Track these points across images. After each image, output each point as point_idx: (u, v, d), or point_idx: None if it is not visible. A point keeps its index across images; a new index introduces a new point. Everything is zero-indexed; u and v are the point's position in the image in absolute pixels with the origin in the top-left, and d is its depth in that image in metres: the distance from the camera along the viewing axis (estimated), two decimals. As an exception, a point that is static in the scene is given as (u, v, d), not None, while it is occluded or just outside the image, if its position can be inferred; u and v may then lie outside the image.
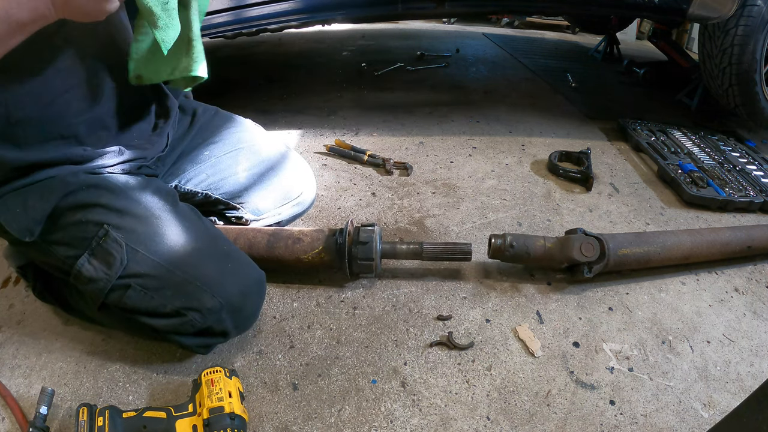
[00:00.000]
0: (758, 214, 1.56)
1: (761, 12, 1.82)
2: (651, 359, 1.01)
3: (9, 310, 1.05)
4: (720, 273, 1.28)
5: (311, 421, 0.85)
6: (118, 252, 0.82)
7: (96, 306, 0.87)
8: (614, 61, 3.19)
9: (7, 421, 0.82)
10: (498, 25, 4.35)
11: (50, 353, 0.95)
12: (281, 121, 2.05)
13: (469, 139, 1.94)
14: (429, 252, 1.13)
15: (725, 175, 1.68)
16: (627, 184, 1.68)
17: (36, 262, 0.97)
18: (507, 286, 1.18)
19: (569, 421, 0.88)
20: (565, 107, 2.37)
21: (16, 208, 0.83)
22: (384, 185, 1.58)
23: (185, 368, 0.93)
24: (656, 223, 1.47)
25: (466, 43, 3.51)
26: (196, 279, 0.84)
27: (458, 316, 1.08)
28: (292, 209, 1.25)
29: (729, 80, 1.96)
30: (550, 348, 1.02)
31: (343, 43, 3.32)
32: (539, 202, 1.53)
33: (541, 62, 3.08)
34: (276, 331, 1.03)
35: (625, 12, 2.54)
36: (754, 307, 1.17)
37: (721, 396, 0.94)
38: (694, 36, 3.70)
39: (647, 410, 0.90)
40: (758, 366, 1.01)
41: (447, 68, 2.86)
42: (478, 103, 2.34)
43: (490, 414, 0.88)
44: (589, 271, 1.13)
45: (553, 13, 3.61)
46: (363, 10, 1.82)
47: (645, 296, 1.18)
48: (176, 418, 0.76)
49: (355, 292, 1.14)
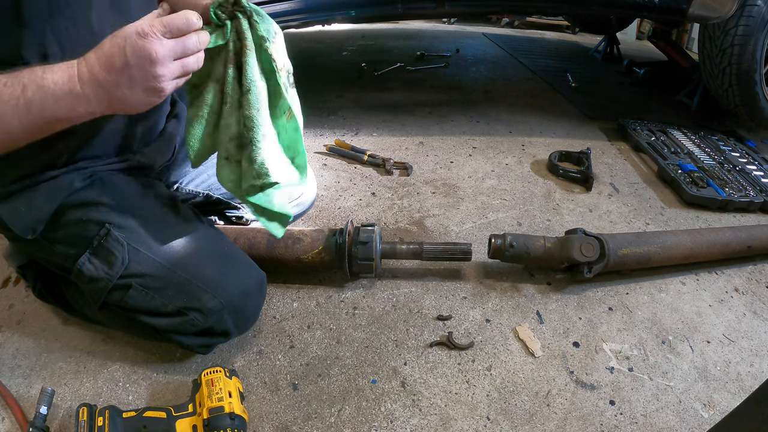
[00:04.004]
0: (758, 214, 1.56)
1: (761, 12, 1.82)
2: (651, 359, 1.01)
3: (9, 310, 1.05)
4: (720, 273, 1.28)
5: (311, 421, 0.85)
6: (119, 251, 0.82)
7: (97, 305, 0.87)
8: (614, 61, 3.19)
9: (7, 421, 0.82)
10: (498, 25, 4.35)
11: (50, 353, 0.95)
12: (281, 121, 2.04)
13: (469, 139, 1.94)
14: (429, 252, 1.13)
15: (725, 175, 1.68)
16: (627, 184, 1.68)
17: (38, 259, 0.97)
18: (507, 286, 1.18)
19: (569, 421, 0.88)
20: (565, 107, 2.37)
21: (21, 207, 0.83)
22: (384, 185, 1.58)
23: (185, 368, 0.93)
24: (656, 223, 1.47)
25: (466, 43, 3.51)
26: (198, 279, 0.84)
27: (458, 316, 1.08)
28: (292, 209, 1.25)
29: (729, 80, 1.96)
30: (550, 348, 1.02)
31: (343, 43, 3.32)
32: (539, 202, 1.53)
33: (541, 62, 3.08)
34: (276, 331, 1.03)
35: (625, 12, 2.54)
36: (754, 307, 1.17)
37: (721, 396, 0.94)
38: (694, 36, 3.70)
39: (647, 410, 0.90)
40: (758, 366, 1.01)
41: (447, 68, 2.86)
42: (478, 103, 2.34)
43: (490, 414, 0.88)
44: (589, 271, 1.13)
45: (553, 13, 3.61)
46: (363, 10, 1.82)
47: (645, 296, 1.18)
48: (176, 418, 0.76)
49: (355, 292, 1.14)
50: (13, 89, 0.66)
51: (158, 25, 0.67)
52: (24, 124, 0.68)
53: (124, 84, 0.68)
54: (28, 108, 0.67)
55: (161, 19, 0.68)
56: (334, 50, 3.18)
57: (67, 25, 0.75)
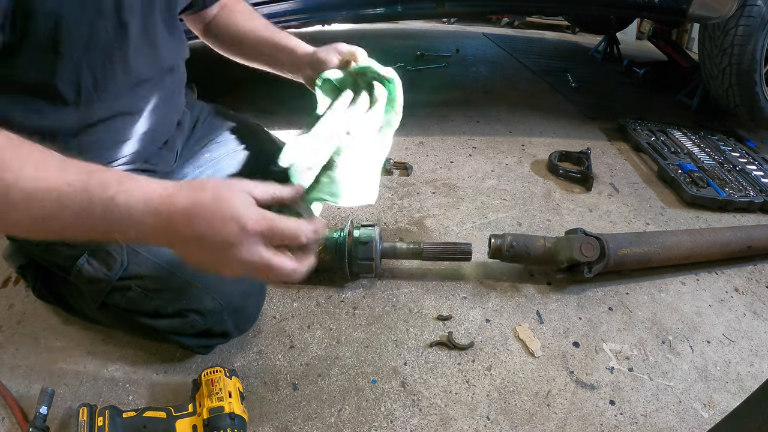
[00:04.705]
0: (758, 214, 1.56)
1: (761, 12, 1.82)
2: (651, 359, 1.01)
3: (9, 310, 1.05)
4: (720, 273, 1.28)
5: (311, 421, 0.85)
6: (118, 253, 0.82)
7: (96, 306, 0.87)
8: (614, 61, 3.19)
9: (7, 421, 0.82)
10: (498, 25, 4.35)
11: (50, 353, 0.95)
12: (281, 121, 2.04)
13: (469, 139, 1.94)
14: (429, 252, 1.13)
15: (725, 175, 1.68)
16: (627, 184, 1.68)
17: (38, 259, 0.97)
18: (507, 286, 1.18)
19: (569, 421, 0.88)
20: (565, 107, 2.37)
21: None
22: (384, 185, 1.58)
23: (185, 368, 0.93)
24: (656, 223, 1.47)
25: (466, 43, 3.51)
26: (197, 280, 0.84)
27: (458, 316, 1.08)
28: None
29: (729, 80, 1.96)
30: (550, 348, 1.02)
31: (343, 43, 3.32)
32: (539, 202, 1.53)
33: (541, 62, 3.08)
34: (276, 331, 1.03)
35: (625, 12, 2.54)
36: (754, 307, 1.17)
37: (721, 396, 0.94)
38: (694, 36, 3.70)
39: (647, 410, 0.90)
40: (758, 366, 1.01)
41: (447, 68, 2.86)
42: (478, 103, 2.34)
43: (490, 414, 0.88)
44: (589, 271, 1.13)
45: (553, 13, 3.61)
46: (363, 10, 1.82)
47: (645, 296, 1.18)
48: (176, 418, 0.76)
49: (355, 292, 1.14)
50: (80, 197, 0.56)
51: (266, 227, 0.59)
52: (65, 226, 0.58)
53: (195, 247, 0.60)
54: (81, 218, 0.57)
55: (272, 223, 0.59)
56: (334, 50, 3.17)
57: (104, 59, 0.74)
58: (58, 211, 0.55)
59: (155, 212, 0.57)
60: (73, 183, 0.55)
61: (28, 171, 0.54)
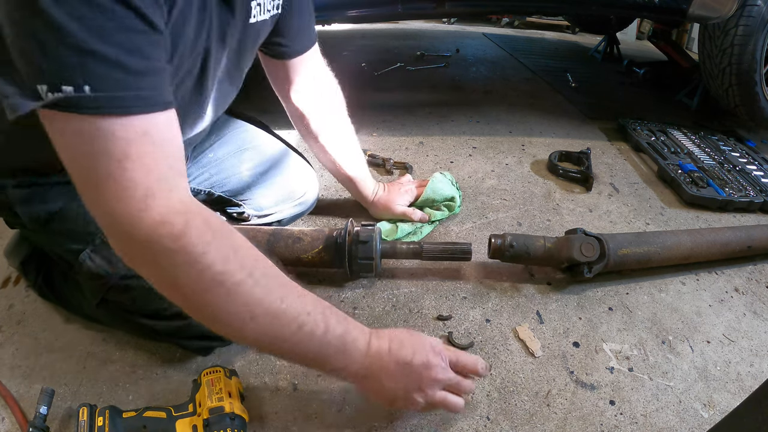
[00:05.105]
0: (758, 214, 1.56)
1: (761, 12, 1.82)
2: (651, 359, 1.01)
3: (9, 310, 1.05)
4: (720, 273, 1.28)
5: (311, 421, 0.85)
6: None
7: (95, 302, 0.87)
8: (614, 61, 3.19)
9: (7, 421, 0.82)
10: (498, 25, 4.35)
11: (50, 353, 0.95)
12: (281, 121, 2.03)
13: (469, 139, 1.94)
14: (429, 252, 1.13)
15: (725, 175, 1.68)
16: (627, 184, 1.68)
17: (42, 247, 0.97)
18: (507, 286, 1.18)
19: (569, 421, 0.88)
20: (565, 107, 2.37)
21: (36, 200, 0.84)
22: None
23: (185, 368, 0.93)
24: (656, 223, 1.47)
25: (466, 43, 3.51)
26: None
27: (458, 316, 1.08)
28: (294, 208, 1.25)
29: (729, 80, 1.96)
30: (550, 348, 1.02)
31: (343, 43, 3.32)
32: (539, 202, 1.53)
33: (541, 62, 3.08)
34: (276, 331, 1.03)
35: (625, 12, 2.54)
36: (754, 307, 1.17)
37: (721, 396, 0.94)
38: (694, 36, 3.70)
39: (647, 410, 0.90)
40: (758, 366, 1.01)
41: (447, 68, 2.86)
42: (478, 103, 2.34)
43: (490, 414, 0.88)
44: (589, 271, 1.13)
45: (553, 13, 3.61)
46: (363, 10, 1.82)
47: (645, 296, 1.18)
48: (176, 418, 0.76)
49: (355, 291, 1.14)
50: (314, 326, 0.65)
51: (453, 355, 0.78)
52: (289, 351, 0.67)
53: (397, 375, 0.72)
54: (310, 349, 0.66)
55: (457, 353, 0.79)
56: (334, 50, 3.17)
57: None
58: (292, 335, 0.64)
59: (366, 349, 0.70)
60: (311, 312, 0.65)
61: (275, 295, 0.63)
